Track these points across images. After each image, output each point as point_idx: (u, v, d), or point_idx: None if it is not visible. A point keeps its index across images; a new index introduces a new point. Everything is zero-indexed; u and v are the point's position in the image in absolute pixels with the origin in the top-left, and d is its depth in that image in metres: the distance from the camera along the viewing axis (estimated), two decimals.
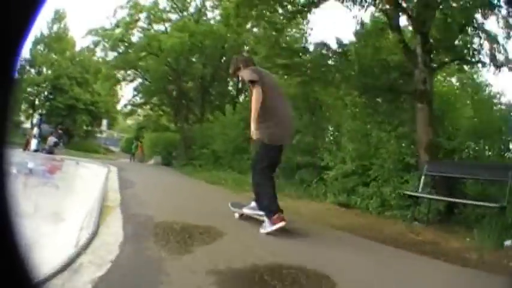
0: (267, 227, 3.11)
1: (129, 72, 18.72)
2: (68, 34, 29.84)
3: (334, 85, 7.08)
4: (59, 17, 29.60)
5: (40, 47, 29.03)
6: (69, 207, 4.54)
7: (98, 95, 28.75)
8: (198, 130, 14.62)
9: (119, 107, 26.69)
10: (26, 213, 3.24)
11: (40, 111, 29.27)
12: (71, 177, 8.58)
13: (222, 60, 16.40)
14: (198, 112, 17.05)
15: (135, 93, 20.00)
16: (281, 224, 3.06)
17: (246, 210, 3.64)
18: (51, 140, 15.85)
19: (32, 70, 28.76)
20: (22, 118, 28.25)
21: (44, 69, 29.08)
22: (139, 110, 22.27)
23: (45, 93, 29.06)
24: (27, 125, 26.57)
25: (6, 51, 0.76)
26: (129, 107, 21.24)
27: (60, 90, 28.11)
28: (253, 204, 3.52)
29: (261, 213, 3.31)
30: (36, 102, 29.34)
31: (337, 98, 7.52)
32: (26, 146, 14.69)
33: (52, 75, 28.29)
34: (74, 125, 29.20)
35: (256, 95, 3.22)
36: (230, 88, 18.29)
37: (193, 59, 16.86)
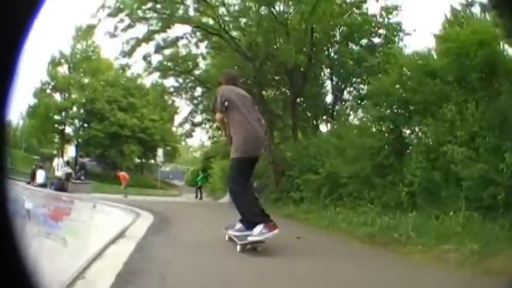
0: (255, 235, 3.16)
1: (180, 79, 13.46)
2: (99, 54, 25.60)
3: None
4: (81, 34, 24.20)
5: (61, 68, 25.59)
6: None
7: (148, 121, 24.94)
8: (292, 148, 10.24)
9: (174, 128, 21.31)
10: None
11: (75, 141, 25.90)
12: (84, 227, 6.21)
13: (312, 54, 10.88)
14: (289, 123, 11.28)
15: (193, 107, 14.69)
16: (275, 231, 3.15)
17: (231, 232, 3.61)
18: (63, 171, 12.73)
19: (57, 94, 25.30)
20: (55, 151, 24.10)
21: (74, 94, 25.37)
22: (202, 132, 17.29)
23: (78, 120, 25.54)
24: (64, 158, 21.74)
25: None
26: (186, 126, 15.94)
27: (97, 117, 24.54)
28: (238, 225, 3.54)
29: (238, 234, 3.40)
30: (68, 130, 25.72)
31: None
32: (32, 178, 12.64)
33: (83, 99, 24.73)
34: (121, 156, 25.27)
35: (218, 122, 4.07)
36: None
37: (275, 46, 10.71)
